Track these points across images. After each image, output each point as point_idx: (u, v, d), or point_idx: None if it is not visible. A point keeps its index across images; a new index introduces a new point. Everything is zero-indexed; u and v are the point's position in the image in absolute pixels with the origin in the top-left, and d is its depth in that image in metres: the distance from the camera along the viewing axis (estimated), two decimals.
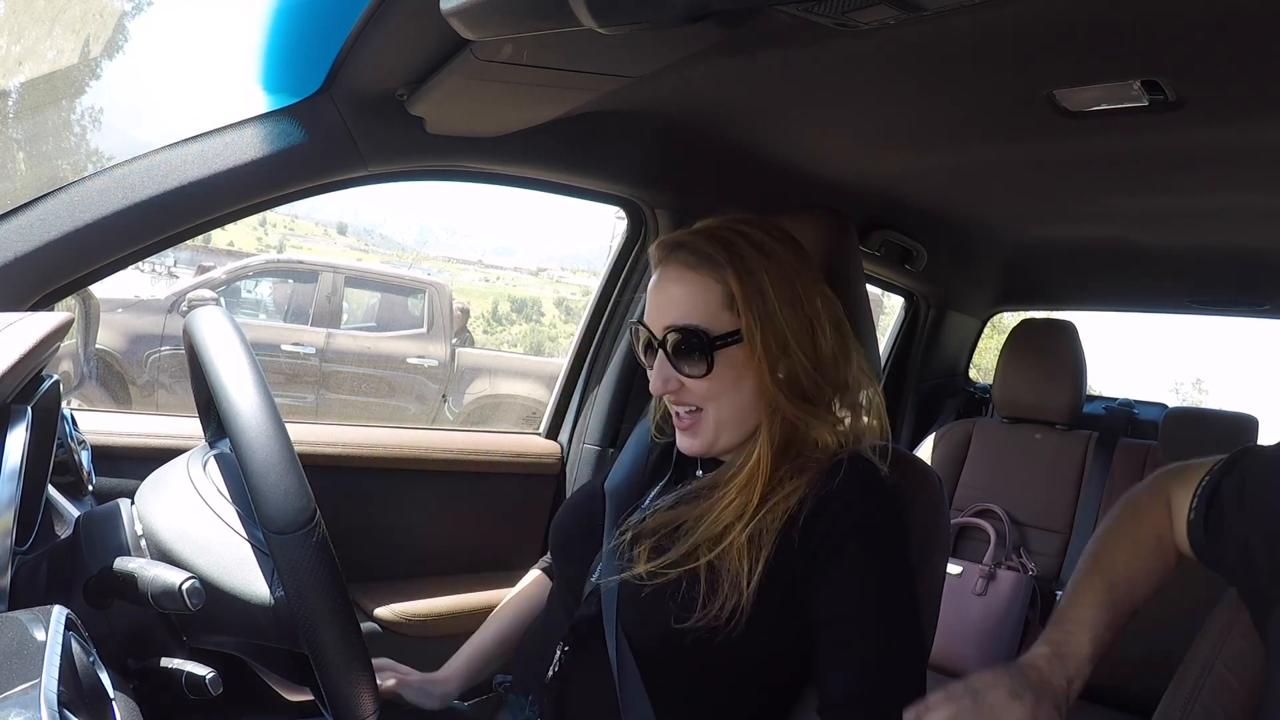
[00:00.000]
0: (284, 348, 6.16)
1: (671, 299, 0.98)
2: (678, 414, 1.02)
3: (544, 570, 1.27)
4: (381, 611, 1.48)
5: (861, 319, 1.23)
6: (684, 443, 1.02)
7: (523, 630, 1.20)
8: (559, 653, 1.01)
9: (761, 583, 0.91)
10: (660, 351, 0.98)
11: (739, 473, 0.98)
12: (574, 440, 1.80)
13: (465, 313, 7.85)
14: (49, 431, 0.86)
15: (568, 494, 1.74)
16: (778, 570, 0.92)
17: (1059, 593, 2.15)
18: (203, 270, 6.94)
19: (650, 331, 1.00)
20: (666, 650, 0.93)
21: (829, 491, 0.94)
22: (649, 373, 1.03)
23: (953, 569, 2.16)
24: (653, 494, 1.08)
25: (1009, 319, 3.19)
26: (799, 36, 1.03)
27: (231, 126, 1.15)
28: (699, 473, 1.07)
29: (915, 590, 0.95)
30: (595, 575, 1.02)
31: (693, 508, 0.99)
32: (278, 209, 1.27)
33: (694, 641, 0.91)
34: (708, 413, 1.00)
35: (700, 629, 0.90)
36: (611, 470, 1.15)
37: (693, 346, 0.96)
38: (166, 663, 0.76)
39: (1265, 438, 2.13)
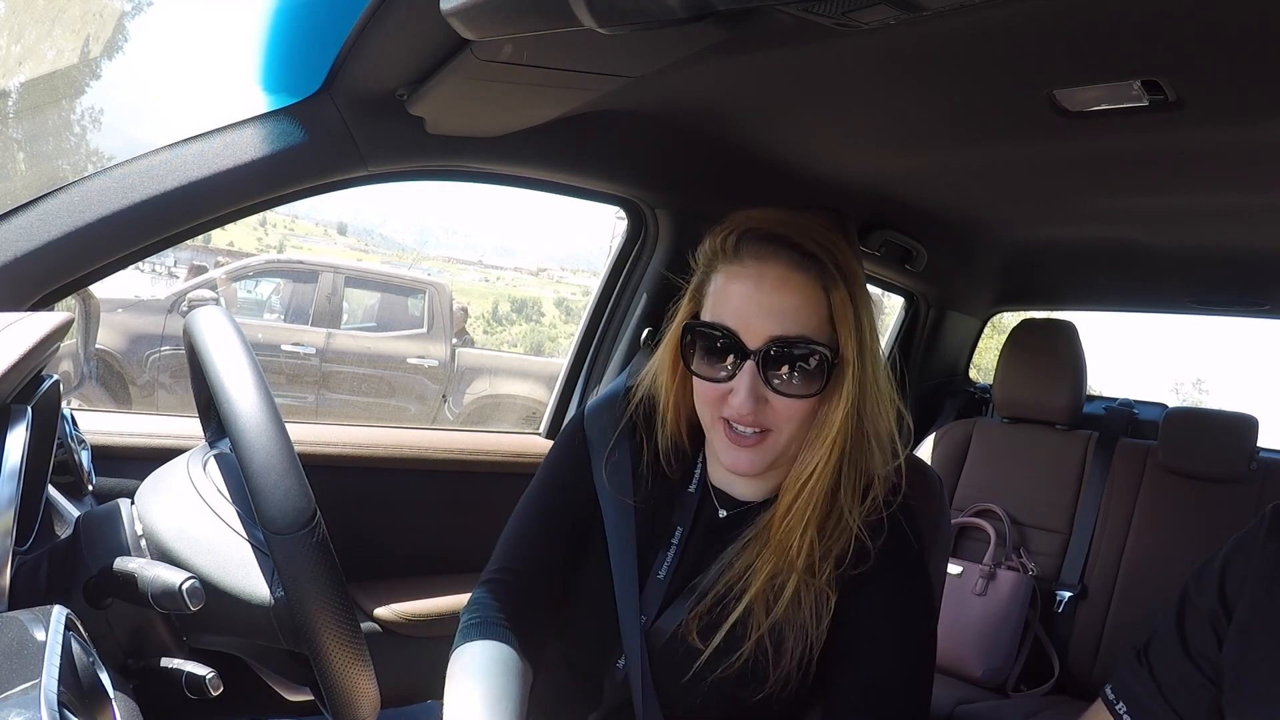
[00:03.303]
0: (284, 348, 6.17)
1: (776, 307, 0.85)
2: (738, 431, 0.89)
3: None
4: (381, 611, 1.48)
5: None
6: (740, 461, 0.90)
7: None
8: None
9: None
10: (750, 363, 0.86)
11: (789, 512, 0.89)
12: None
13: (464, 313, 7.85)
14: (49, 431, 0.86)
15: None
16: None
17: (1059, 593, 2.16)
18: (195, 270, 6.94)
19: (738, 340, 0.86)
20: (729, 715, 0.90)
21: (881, 527, 0.91)
22: (701, 385, 0.91)
23: (953, 569, 2.16)
24: (675, 551, 0.96)
25: (1009, 319, 3.19)
26: (799, 36, 1.03)
27: (231, 126, 1.15)
28: (722, 512, 0.98)
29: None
30: (622, 662, 0.94)
31: (734, 566, 0.91)
32: (278, 209, 1.27)
33: (754, 711, 0.88)
34: (780, 434, 0.89)
35: (770, 696, 0.87)
36: (608, 529, 0.99)
37: (810, 364, 0.85)
38: (166, 663, 0.76)
39: (1265, 438, 2.13)
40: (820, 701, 0.92)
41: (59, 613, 0.57)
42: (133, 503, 0.83)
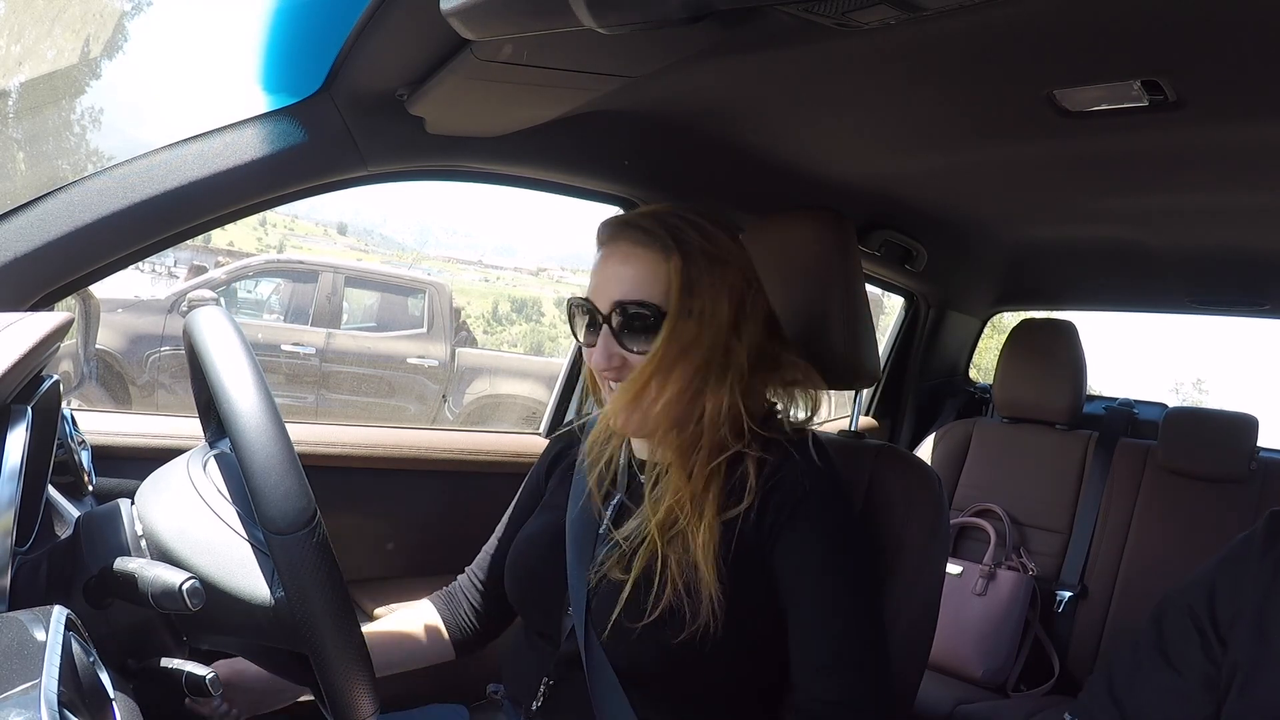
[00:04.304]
0: (284, 348, 6.16)
1: (619, 276, 1.00)
2: (613, 389, 1.02)
3: (437, 606, 1.23)
4: (381, 611, 1.48)
5: (861, 319, 1.23)
6: (619, 418, 1.02)
7: (397, 643, 1.16)
8: (543, 686, 1.02)
9: (732, 572, 0.94)
10: (605, 327, 1.00)
11: (675, 455, 1.00)
12: None
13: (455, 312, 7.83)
14: (49, 431, 0.86)
15: None
16: (742, 560, 0.95)
17: (1059, 593, 2.16)
18: (195, 270, 6.93)
19: (595, 307, 1.01)
20: (663, 674, 0.95)
21: (777, 473, 0.97)
22: (585, 351, 1.04)
23: (953, 569, 2.16)
24: (609, 513, 1.08)
25: (1009, 319, 3.19)
26: (799, 36, 1.03)
27: (231, 126, 1.15)
28: (642, 478, 1.07)
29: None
30: (570, 611, 1.02)
31: (641, 511, 1.02)
32: (278, 209, 1.27)
33: (687, 657, 0.92)
34: (648, 389, 1.00)
35: (691, 641, 0.91)
36: (570, 500, 1.12)
37: (642, 321, 0.98)
38: (166, 663, 0.76)
39: (1265, 438, 2.13)
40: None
41: (59, 613, 0.57)
42: (133, 503, 0.83)
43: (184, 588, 0.69)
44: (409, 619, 1.20)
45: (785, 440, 1.01)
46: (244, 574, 0.77)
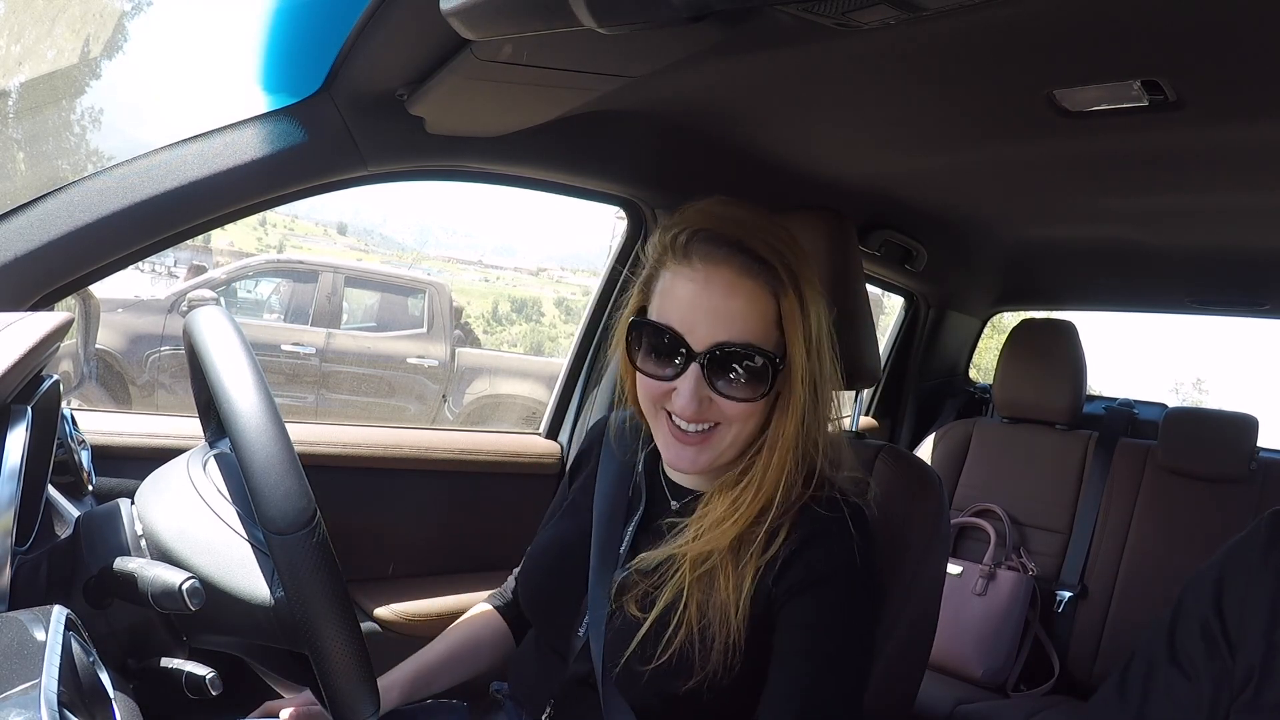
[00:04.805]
0: (284, 348, 6.16)
1: (722, 312, 0.86)
2: (682, 430, 0.91)
3: (495, 607, 1.19)
4: (381, 611, 1.48)
5: (861, 319, 1.23)
6: (682, 458, 0.92)
7: (472, 652, 1.13)
8: (549, 708, 0.98)
9: (750, 620, 0.89)
10: (695, 367, 0.87)
11: (731, 508, 0.91)
12: (574, 440, 1.80)
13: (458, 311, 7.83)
14: (49, 431, 0.86)
15: None
16: (759, 609, 0.90)
17: (1059, 593, 2.16)
18: (195, 270, 6.94)
19: (684, 344, 0.87)
20: (668, 710, 0.91)
21: (810, 535, 0.90)
22: (643, 381, 0.93)
23: (953, 569, 2.16)
24: (629, 534, 1.01)
25: (1009, 319, 3.19)
26: (799, 36, 1.03)
27: (232, 126, 1.15)
28: (674, 503, 1.01)
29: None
30: (583, 629, 0.97)
31: (676, 544, 0.93)
32: (278, 209, 1.27)
33: (695, 696, 0.88)
34: (726, 431, 0.91)
35: (701, 684, 0.87)
36: (594, 506, 1.04)
37: (742, 366, 0.86)
38: (166, 663, 0.76)
39: (1265, 438, 2.13)
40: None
41: (59, 613, 0.57)
42: (133, 503, 0.83)
43: (184, 588, 0.69)
44: (479, 624, 1.17)
45: (833, 505, 0.90)
46: (244, 574, 0.77)
